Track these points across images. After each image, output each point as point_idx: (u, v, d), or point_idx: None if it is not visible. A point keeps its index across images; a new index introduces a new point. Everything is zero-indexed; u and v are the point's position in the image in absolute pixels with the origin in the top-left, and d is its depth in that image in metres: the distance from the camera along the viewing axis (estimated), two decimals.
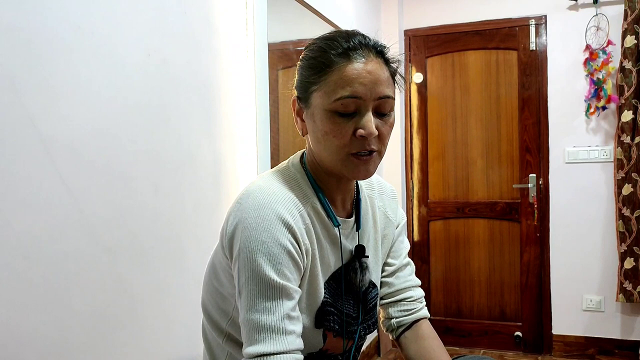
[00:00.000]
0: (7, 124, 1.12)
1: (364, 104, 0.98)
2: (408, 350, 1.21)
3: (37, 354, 1.18)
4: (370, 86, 0.97)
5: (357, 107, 0.98)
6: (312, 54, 1.03)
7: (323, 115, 0.99)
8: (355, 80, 0.96)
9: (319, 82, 0.99)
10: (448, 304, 3.74)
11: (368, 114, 0.98)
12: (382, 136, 1.01)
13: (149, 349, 1.53)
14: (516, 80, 3.54)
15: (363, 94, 0.97)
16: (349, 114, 0.98)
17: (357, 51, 0.98)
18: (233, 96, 1.94)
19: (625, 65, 3.17)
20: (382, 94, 0.99)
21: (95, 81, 1.35)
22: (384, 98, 0.99)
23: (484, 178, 3.63)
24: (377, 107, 0.99)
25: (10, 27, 1.13)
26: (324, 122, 0.99)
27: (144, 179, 1.51)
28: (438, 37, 3.71)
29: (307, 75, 1.02)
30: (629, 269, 3.20)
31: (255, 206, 0.97)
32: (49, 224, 1.21)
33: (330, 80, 0.98)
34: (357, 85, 0.96)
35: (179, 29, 1.66)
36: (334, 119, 0.98)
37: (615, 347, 3.34)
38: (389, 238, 1.24)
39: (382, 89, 0.98)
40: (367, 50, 1.00)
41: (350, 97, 0.96)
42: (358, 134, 0.97)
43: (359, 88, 0.96)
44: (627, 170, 3.20)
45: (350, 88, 0.96)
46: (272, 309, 0.94)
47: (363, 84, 0.97)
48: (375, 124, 0.98)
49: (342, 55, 0.98)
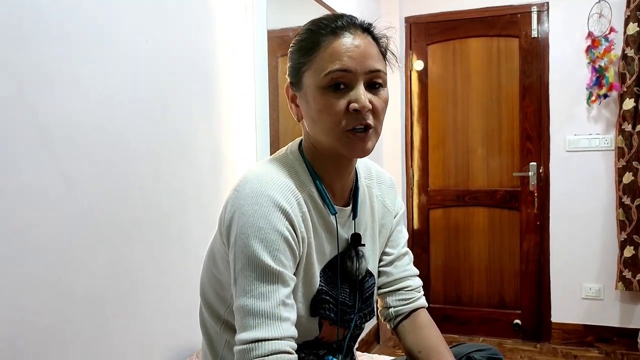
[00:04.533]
0: (6, 114, 1.11)
1: (354, 77, 0.98)
2: (406, 339, 1.21)
3: (35, 340, 1.19)
4: (359, 59, 0.98)
5: (348, 81, 0.98)
6: (300, 37, 1.04)
7: (315, 93, 0.99)
8: (344, 54, 0.97)
9: (308, 62, 1.00)
10: (447, 291, 3.74)
11: (359, 87, 0.98)
12: (376, 111, 1.00)
13: (148, 335, 1.53)
14: (517, 68, 3.52)
15: (353, 67, 0.97)
16: (341, 90, 0.98)
17: (345, 29, 1.00)
18: (232, 83, 1.93)
19: (627, 52, 3.15)
20: (372, 67, 0.99)
21: (93, 69, 1.34)
22: (374, 72, 0.99)
23: (484, 166, 3.62)
24: (369, 81, 1.00)
25: (9, 18, 1.12)
26: (317, 99, 0.99)
27: (143, 166, 1.50)
28: (439, 24, 3.68)
29: (297, 57, 1.03)
30: (628, 258, 3.21)
31: (253, 193, 0.97)
32: (47, 212, 1.21)
33: (319, 57, 0.99)
34: (346, 58, 0.97)
35: (178, 15, 1.64)
36: (326, 95, 0.98)
37: (614, 335, 3.35)
38: (387, 227, 1.23)
39: (371, 62, 0.99)
40: (354, 27, 1.01)
41: (339, 70, 0.97)
42: (351, 107, 0.97)
43: (348, 61, 0.97)
44: (627, 159, 3.19)
45: (339, 62, 0.97)
46: (268, 294, 0.93)
47: (352, 57, 0.97)
48: (369, 98, 0.98)
49: (330, 34, 0.99)
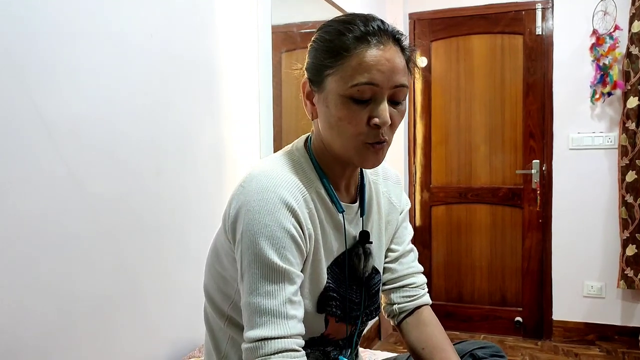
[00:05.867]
0: (10, 108, 1.11)
1: (380, 92, 0.96)
2: (409, 336, 1.21)
3: (39, 335, 1.19)
4: (388, 74, 0.95)
5: (373, 94, 0.96)
6: (328, 36, 1.00)
7: (338, 100, 0.97)
8: (374, 67, 0.94)
9: (335, 66, 0.97)
10: (449, 288, 3.75)
11: (384, 103, 0.96)
12: (393, 125, 1.00)
13: (151, 331, 1.53)
14: (521, 65, 3.51)
15: (380, 81, 0.95)
16: (364, 101, 0.96)
17: (376, 37, 0.96)
18: (236, 78, 1.92)
19: (632, 50, 3.14)
20: (399, 82, 0.97)
21: (97, 63, 1.33)
22: (399, 87, 0.98)
23: (487, 163, 3.62)
24: (392, 96, 0.98)
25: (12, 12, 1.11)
26: (339, 107, 0.97)
27: (146, 161, 1.50)
28: (443, 20, 3.67)
29: (322, 58, 0.99)
30: (630, 256, 3.20)
31: (259, 190, 0.96)
32: (51, 207, 1.21)
33: (347, 65, 0.96)
34: (375, 72, 0.94)
35: (182, 10, 1.64)
36: (348, 105, 0.96)
37: (615, 333, 3.35)
38: (393, 224, 1.23)
39: (398, 77, 0.97)
40: (386, 36, 0.97)
41: (367, 84, 0.95)
42: (372, 122, 0.96)
43: (377, 75, 0.95)
44: (631, 157, 3.18)
45: (368, 75, 0.94)
46: (274, 293, 0.93)
47: (381, 71, 0.95)
48: (389, 113, 0.97)
49: (360, 40, 0.96)
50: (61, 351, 1.24)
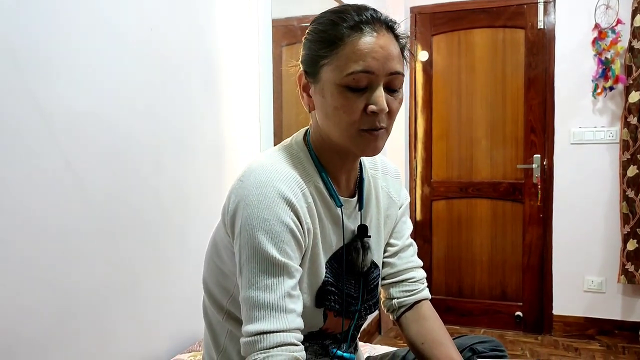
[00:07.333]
0: (9, 101, 1.11)
1: (375, 79, 0.96)
2: (409, 330, 1.21)
3: (37, 330, 1.19)
4: (382, 61, 0.95)
5: (368, 82, 0.96)
6: (321, 27, 1.00)
7: (334, 90, 0.97)
8: (368, 55, 0.95)
9: (329, 56, 0.97)
10: (449, 283, 3.75)
11: (379, 90, 0.96)
12: (391, 113, 1.00)
13: (150, 325, 1.53)
14: (523, 60, 3.50)
15: (376, 68, 0.95)
16: (360, 89, 0.96)
17: (369, 25, 0.96)
18: (236, 72, 1.92)
19: (634, 45, 3.12)
20: (394, 69, 0.97)
21: (97, 57, 1.33)
22: (395, 74, 0.98)
23: (487, 158, 3.61)
24: (388, 83, 0.98)
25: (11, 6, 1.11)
26: (335, 97, 0.97)
27: (146, 155, 1.50)
28: (444, 14, 3.65)
29: (317, 49, 1.00)
30: (631, 251, 3.20)
31: (257, 184, 0.96)
32: (50, 202, 1.21)
33: (341, 54, 0.96)
34: (370, 59, 0.95)
35: (182, 3, 1.63)
36: (344, 94, 0.96)
37: (616, 328, 3.35)
38: (392, 218, 1.23)
39: (393, 64, 0.97)
40: (379, 24, 0.98)
41: (362, 71, 0.95)
42: (369, 109, 0.96)
43: (372, 63, 0.95)
44: (632, 152, 3.17)
45: (363, 62, 0.95)
46: (273, 286, 0.93)
47: (376, 58, 0.95)
48: (386, 100, 0.97)
49: (353, 29, 0.96)
50: (60, 346, 1.24)
